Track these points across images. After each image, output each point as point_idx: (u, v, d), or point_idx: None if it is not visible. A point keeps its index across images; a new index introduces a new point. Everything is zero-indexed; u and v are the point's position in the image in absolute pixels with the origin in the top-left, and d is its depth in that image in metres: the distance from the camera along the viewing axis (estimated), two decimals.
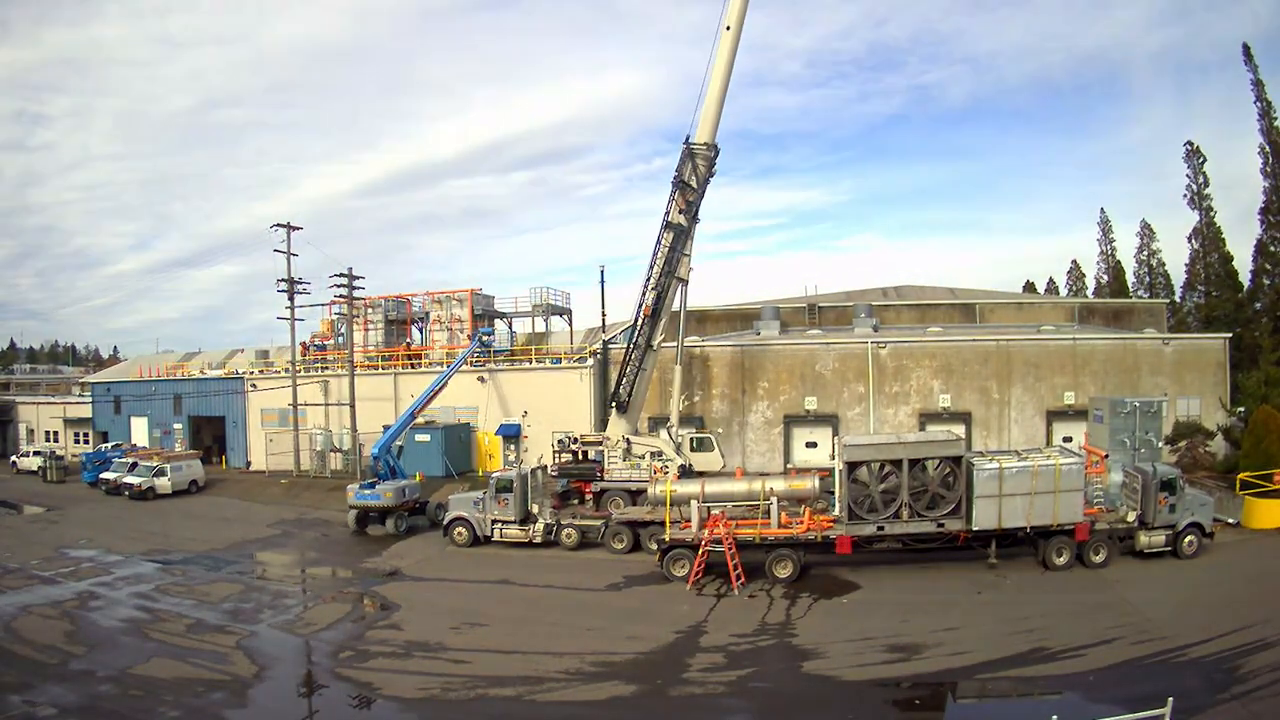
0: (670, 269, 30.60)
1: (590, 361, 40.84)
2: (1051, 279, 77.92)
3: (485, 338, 42.13)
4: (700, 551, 22.36)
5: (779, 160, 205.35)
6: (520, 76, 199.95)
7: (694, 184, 30.01)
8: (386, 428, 33.27)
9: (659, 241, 30.70)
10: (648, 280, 31.15)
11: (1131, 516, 22.97)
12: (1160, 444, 30.01)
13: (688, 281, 31.39)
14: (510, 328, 52.01)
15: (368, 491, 30.63)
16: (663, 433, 33.21)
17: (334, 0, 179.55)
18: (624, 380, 32.19)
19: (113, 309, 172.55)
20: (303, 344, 51.81)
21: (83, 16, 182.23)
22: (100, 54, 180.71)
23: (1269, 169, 48.34)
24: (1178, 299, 57.22)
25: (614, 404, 32.59)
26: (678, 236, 30.38)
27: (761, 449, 39.16)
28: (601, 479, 32.01)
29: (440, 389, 33.41)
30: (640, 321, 31.51)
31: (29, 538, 30.91)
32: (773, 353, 40.15)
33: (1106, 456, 26.24)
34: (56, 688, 15.84)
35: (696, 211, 30.58)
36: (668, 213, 30.47)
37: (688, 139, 29.94)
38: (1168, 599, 19.60)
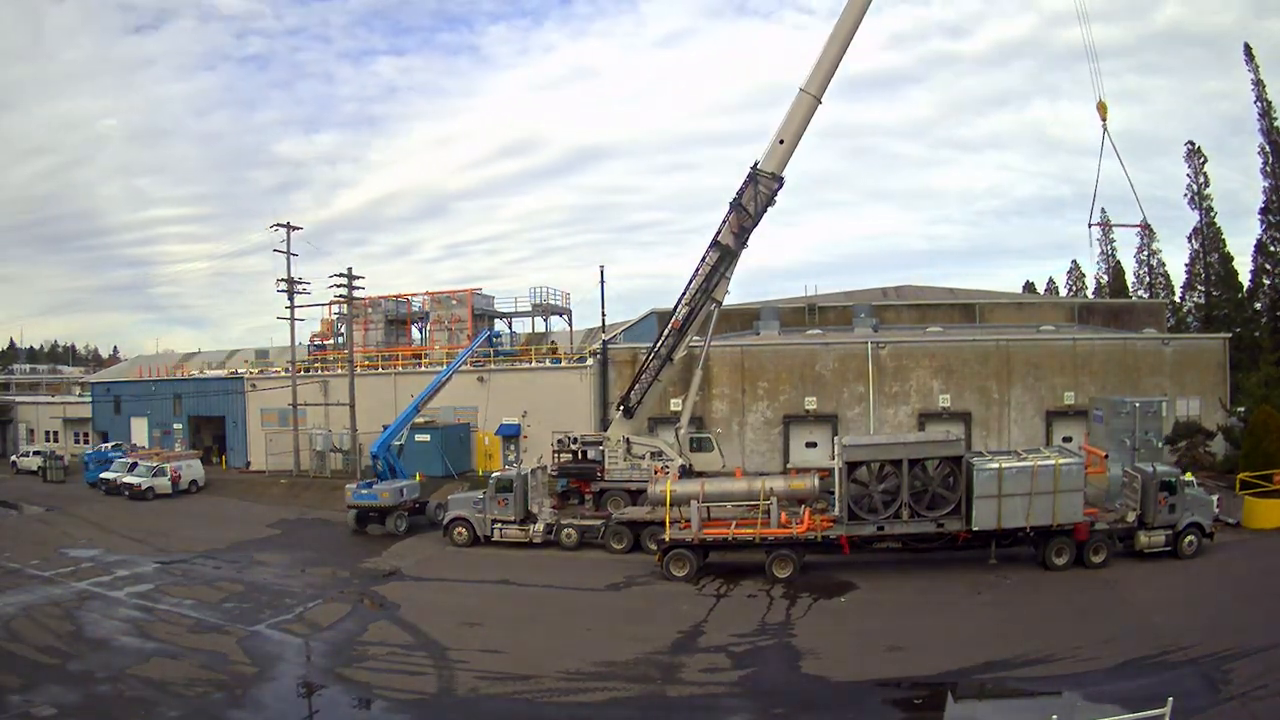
0: (708, 288, 30.48)
1: (590, 362, 40.84)
2: (1051, 279, 78.12)
3: (495, 339, 42.47)
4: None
5: None
6: None
7: (751, 210, 29.76)
8: (386, 427, 33.24)
9: (703, 259, 30.47)
10: (683, 295, 31.03)
11: (1131, 516, 22.96)
12: (1160, 444, 29.99)
13: (721, 303, 31.31)
14: (510, 328, 52.08)
15: (365, 491, 30.66)
16: (665, 433, 33.12)
17: None
18: (636, 387, 32.13)
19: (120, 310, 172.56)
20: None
21: None
22: None
23: (1269, 169, 48.39)
24: (1178, 299, 57.28)
25: (622, 409, 32.54)
26: (723, 258, 30.15)
27: (761, 449, 39.13)
28: (601, 479, 32.01)
29: (442, 385, 33.42)
30: (665, 333, 31.56)
31: (29, 538, 30.86)
32: (772, 353, 40.12)
33: (1107, 456, 26.24)
34: (56, 688, 15.81)
35: (747, 238, 30.30)
36: (719, 233, 30.16)
37: (755, 164, 29.68)
38: (1167, 599, 19.61)
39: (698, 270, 30.66)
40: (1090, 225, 32.25)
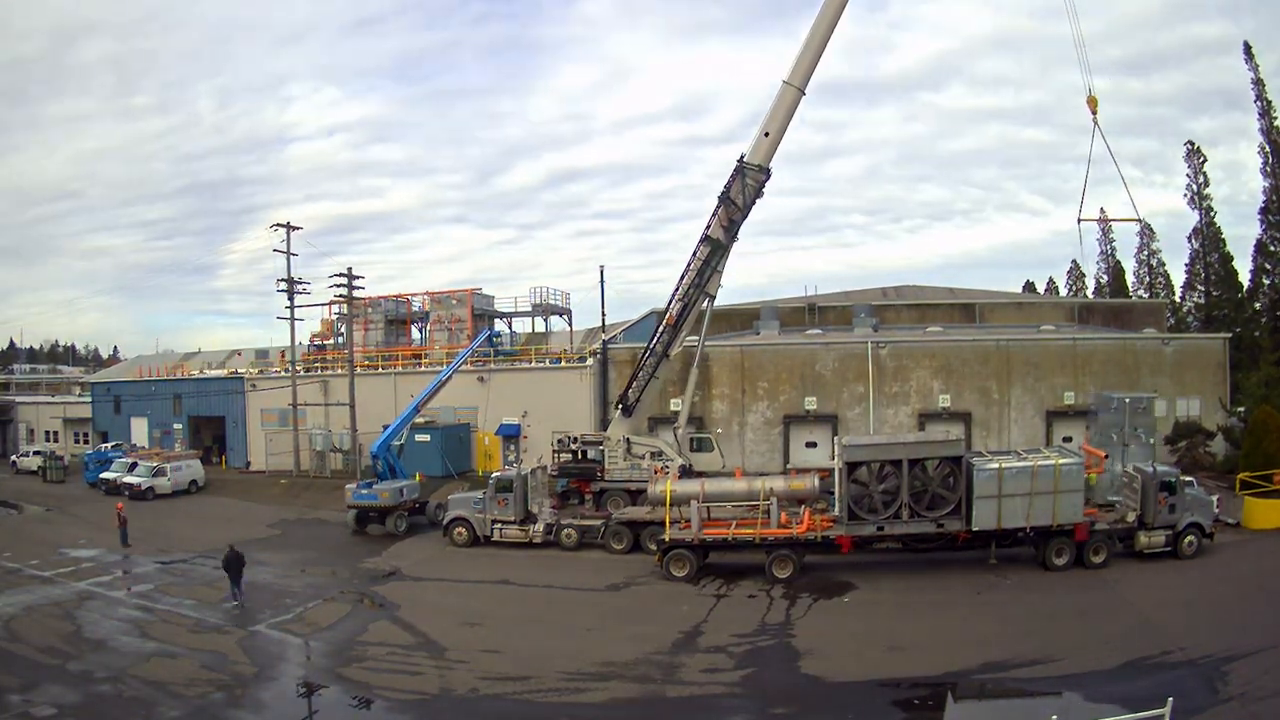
0: (701, 283, 30.46)
1: (590, 362, 40.83)
2: (1051, 279, 78.03)
3: (495, 339, 42.74)
4: None
5: None
6: None
7: (739, 203, 29.72)
8: (386, 427, 33.24)
9: (694, 254, 30.45)
10: (676, 290, 31.04)
11: (1131, 516, 22.96)
12: (1150, 440, 29.81)
13: (714, 297, 31.31)
14: (510, 327, 52.09)
15: (365, 491, 30.68)
16: (664, 433, 33.11)
17: None
18: (634, 385, 32.22)
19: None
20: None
21: None
22: None
23: (1269, 169, 48.37)
24: (1178, 299, 57.26)
25: (620, 407, 32.61)
26: (714, 252, 30.13)
27: (761, 449, 39.13)
28: (601, 479, 32.01)
29: (442, 385, 33.45)
30: (661, 330, 31.56)
31: (29, 538, 30.87)
32: (773, 353, 40.12)
33: (1107, 457, 26.21)
34: (56, 688, 15.83)
35: (736, 231, 30.29)
36: (709, 227, 30.14)
37: (742, 157, 29.63)
38: (1167, 600, 19.60)
39: (689, 265, 30.64)
40: (1080, 220, 31.86)
